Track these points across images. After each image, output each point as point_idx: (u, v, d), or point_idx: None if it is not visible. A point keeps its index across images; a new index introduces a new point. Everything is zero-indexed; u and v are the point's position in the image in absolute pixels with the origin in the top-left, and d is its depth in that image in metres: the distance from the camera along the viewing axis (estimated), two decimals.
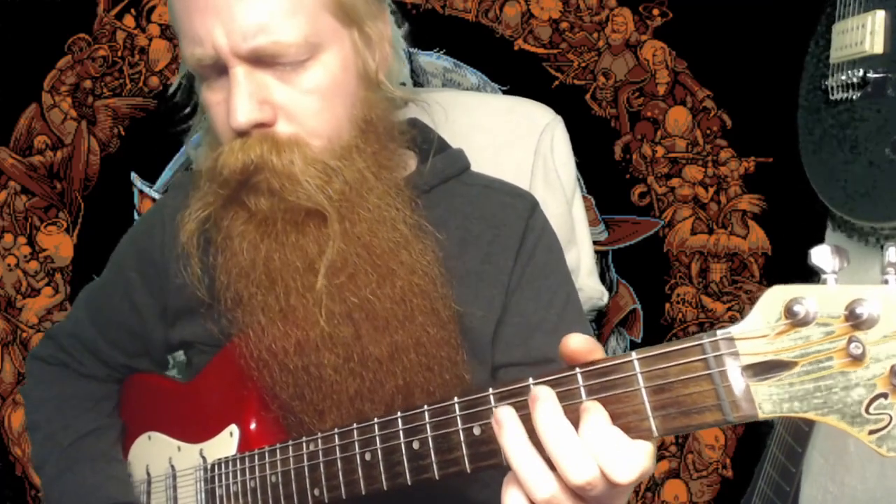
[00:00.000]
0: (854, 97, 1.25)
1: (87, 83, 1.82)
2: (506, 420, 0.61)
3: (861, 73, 1.22)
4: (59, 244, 1.84)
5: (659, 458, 1.91)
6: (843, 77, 1.26)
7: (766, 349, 0.53)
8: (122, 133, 1.83)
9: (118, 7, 1.81)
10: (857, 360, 0.50)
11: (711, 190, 1.83)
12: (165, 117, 1.77)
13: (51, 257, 1.84)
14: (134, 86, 1.83)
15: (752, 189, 1.82)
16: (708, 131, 1.81)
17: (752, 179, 1.82)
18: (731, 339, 0.54)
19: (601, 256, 1.86)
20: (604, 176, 1.83)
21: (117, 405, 1.12)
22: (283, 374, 0.84)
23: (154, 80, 1.83)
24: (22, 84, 1.80)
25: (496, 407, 0.63)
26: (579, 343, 0.61)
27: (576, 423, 0.59)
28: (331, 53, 0.82)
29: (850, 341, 0.50)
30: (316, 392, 0.84)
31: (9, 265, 1.84)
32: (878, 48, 1.20)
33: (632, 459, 0.57)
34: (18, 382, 1.86)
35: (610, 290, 1.86)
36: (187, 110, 0.98)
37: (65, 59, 1.81)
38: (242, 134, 0.81)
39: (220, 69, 0.81)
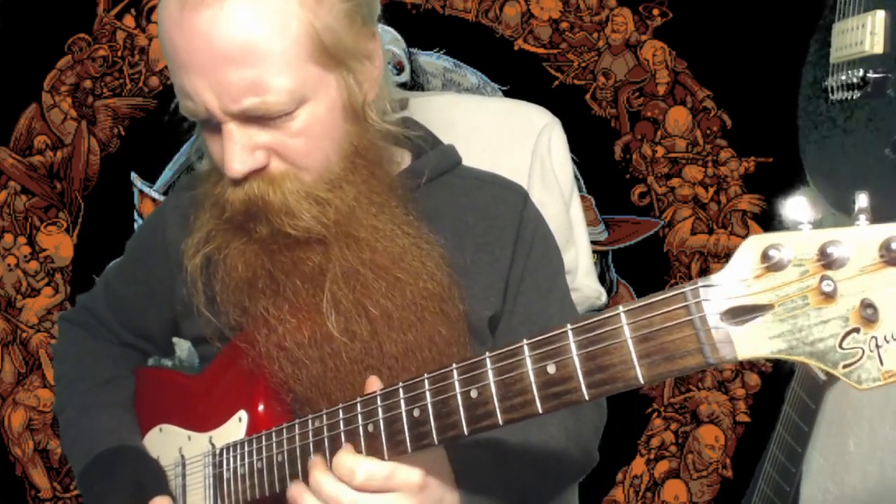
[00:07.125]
0: (854, 97, 1.24)
1: (87, 83, 1.82)
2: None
3: (861, 73, 1.21)
4: (59, 244, 1.85)
5: (659, 458, 1.91)
6: (843, 77, 1.26)
7: (744, 293, 0.55)
8: (122, 133, 1.84)
9: (118, 7, 1.81)
10: (829, 296, 0.52)
11: (711, 190, 1.83)
12: (166, 118, 1.77)
13: (51, 257, 1.85)
14: (134, 86, 1.83)
15: (752, 189, 1.82)
16: (708, 131, 1.81)
17: (752, 179, 1.82)
18: (711, 287, 0.56)
19: (601, 256, 1.86)
20: (604, 176, 1.83)
21: (132, 366, 1.18)
22: (295, 367, 0.89)
23: (154, 80, 1.83)
24: (22, 84, 1.80)
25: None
26: None
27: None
28: (316, 100, 0.85)
29: (821, 279, 0.52)
30: (333, 384, 0.89)
31: (9, 265, 1.84)
32: (878, 48, 1.20)
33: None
34: (18, 382, 1.86)
35: (610, 290, 1.86)
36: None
37: (65, 59, 1.81)
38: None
39: (212, 122, 0.85)
